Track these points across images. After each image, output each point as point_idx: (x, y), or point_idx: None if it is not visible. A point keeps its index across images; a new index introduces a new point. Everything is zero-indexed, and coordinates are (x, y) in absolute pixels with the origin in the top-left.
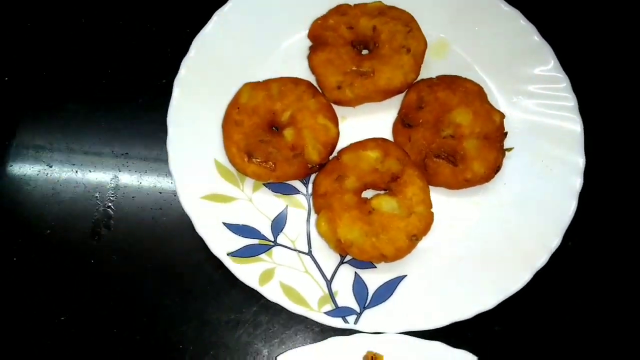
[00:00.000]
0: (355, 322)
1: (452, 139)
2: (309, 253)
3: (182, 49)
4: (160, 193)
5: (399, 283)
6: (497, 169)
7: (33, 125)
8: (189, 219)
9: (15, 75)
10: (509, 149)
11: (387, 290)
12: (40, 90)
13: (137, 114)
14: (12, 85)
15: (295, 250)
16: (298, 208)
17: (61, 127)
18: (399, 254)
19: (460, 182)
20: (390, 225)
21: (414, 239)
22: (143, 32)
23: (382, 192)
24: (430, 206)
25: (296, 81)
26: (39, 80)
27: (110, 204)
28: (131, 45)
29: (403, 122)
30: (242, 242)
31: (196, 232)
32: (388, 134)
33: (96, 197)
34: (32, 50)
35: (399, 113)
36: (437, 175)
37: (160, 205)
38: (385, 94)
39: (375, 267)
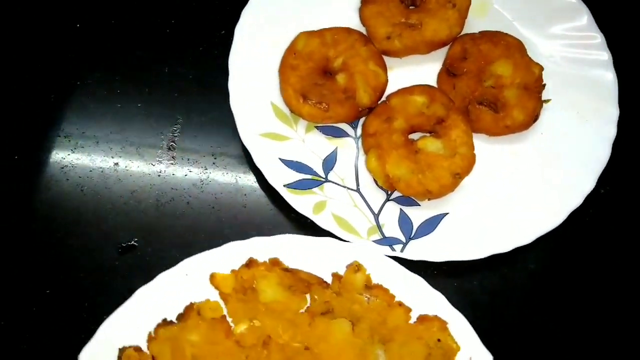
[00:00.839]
0: (402, 250)
1: (493, 88)
2: (357, 190)
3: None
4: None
5: (441, 219)
6: (535, 117)
7: (105, 69)
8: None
9: (86, 22)
10: (547, 101)
11: (431, 224)
12: (109, 38)
13: (200, 61)
14: (81, 31)
15: (345, 187)
16: (347, 149)
17: (129, 71)
18: (442, 190)
19: (500, 129)
20: (435, 164)
21: (457, 177)
22: None
23: (428, 134)
24: (473, 148)
25: (349, 30)
26: (108, 28)
27: (173, 143)
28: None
29: (448, 72)
30: (297, 176)
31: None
32: (433, 84)
33: (161, 135)
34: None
35: (444, 63)
36: (479, 121)
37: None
38: (431, 46)
39: (419, 205)
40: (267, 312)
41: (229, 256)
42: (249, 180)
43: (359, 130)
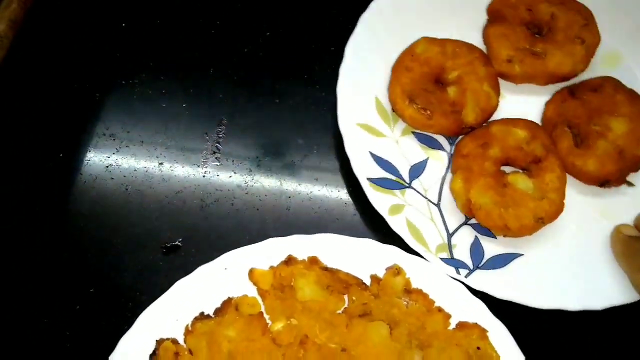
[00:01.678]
0: (466, 276)
1: (597, 133)
2: (437, 205)
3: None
4: None
5: (514, 258)
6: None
7: (151, 69)
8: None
9: (132, 22)
10: (630, 183)
11: (502, 260)
12: (155, 38)
13: (245, 63)
14: (128, 31)
15: (426, 198)
16: (437, 162)
17: (174, 71)
18: (522, 230)
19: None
20: (521, 202)
21: (540, 221)
22: None
23: (520, 170)
24: (564, 196)
25: (471, 47)
26: (154, 28)
27: (217, 144)
28: None
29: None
30: (382, 173)
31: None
32: (539, 120)
33: (205, 136)
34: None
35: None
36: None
37: None
38: (550, 78)
39: (495, 238)
40: (304, 311)
41: (268, 252)
42: (293, 183)
43: (454, 148)
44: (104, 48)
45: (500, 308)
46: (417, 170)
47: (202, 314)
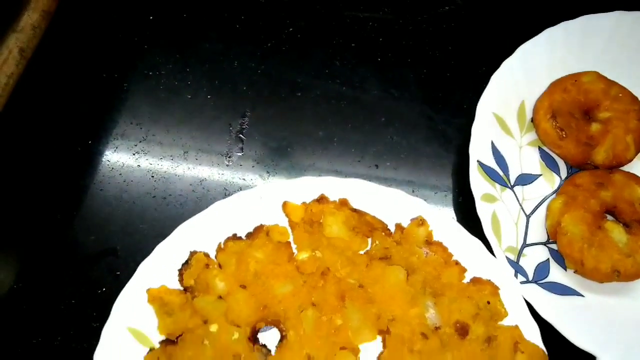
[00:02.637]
0: (522, 283)
1: None
2: (528, 216)
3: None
4: None
5: (573, 294)
6: None
7: (177, 61)
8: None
9: (160, 15)
10: None
11: (562, 290)
12: (181, 31)
13: (269, 56)
14: (155, 24)
15: (520, 205)
16: (548, 183)
17: (200, 63)
18: (594, 273)
19: None
20: (607, 248)
21: (616, 274)
22: None
23: (621, 223)
24: None
25: (634, 99)
26: (181, 21)
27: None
28: None
29: None
30: (492, 163)
31: None
32: None
33: (230, 127)
34: None
35: None
36: None
37: None
38: None
39: (565, 270)
40: (329, 247)
41: (303, 189)
42: (314, 174)
43: (567, 175)
44: (132, 40)
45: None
46: (525, 179)
47: (234, 235)
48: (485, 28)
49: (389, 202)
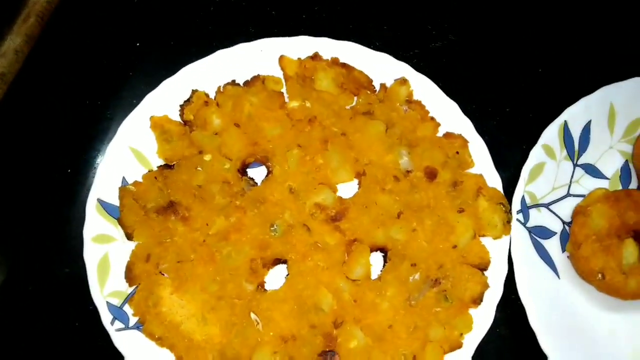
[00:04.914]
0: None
1: None
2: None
3: None
4: None
5: (553, 271)
6: None
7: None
8: None
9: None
10: None
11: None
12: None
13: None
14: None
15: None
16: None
17: None
18: (581, 264)
19: None
20: (609, 253)
21: (600, 277)
22: None
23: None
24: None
25: None
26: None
27: None
28: None
29: None
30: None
31: None
32: None
33: None
34: None
35: None
36: None
37: None
38: None
39: (563, 250)
40: (318, 99)
41: (299, 46)
42: None
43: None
44: (117, 66)
45: None
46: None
47: (233, 81)
48: (479, 64)
49: (376, 64)
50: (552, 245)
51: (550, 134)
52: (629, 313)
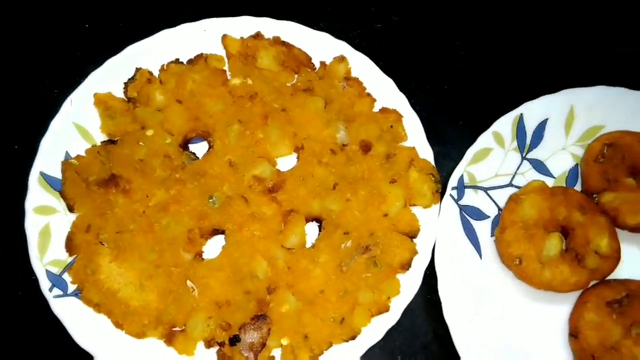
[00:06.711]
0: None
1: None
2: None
3: None
4: None
5: (476, 249)
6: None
7: None
8: None
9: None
10: None
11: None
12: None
13: None
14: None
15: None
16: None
17: None
18: (504, 246)
19: None
20: (532, 241)
21: (517, 262)
22: None
23: (565, 243)
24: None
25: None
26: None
27: None
28: None
29: None
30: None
31: None
32: None
33: None
34: None
35: None
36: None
37: None
38: None
39: (492, 234)
40: (259, 77)
41: (241, 26)
42: None
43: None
44: (67, 46)
45: None
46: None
47: (177, 60)
48: (420, 45)
49: (316, 43)
50: (483, 227)
51: (504, 123)
52: (540, 302)
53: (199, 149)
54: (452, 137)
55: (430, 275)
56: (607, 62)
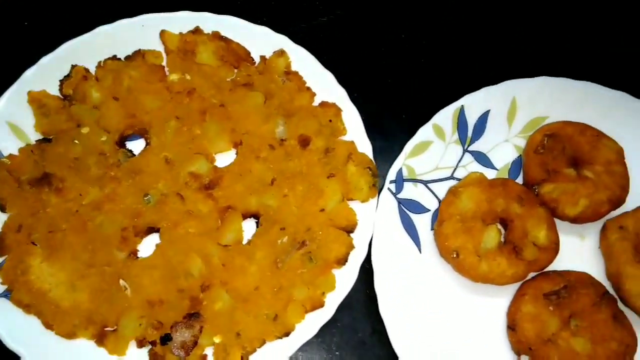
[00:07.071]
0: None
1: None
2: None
3: None
4: None
5: (416, 243)
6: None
7: None
8: None
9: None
10: None
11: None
12: None
13: None
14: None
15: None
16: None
17: None
18: (441, 239)
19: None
20: (469, 234)
21: (454, 255)
22: None
23: (503, 236)
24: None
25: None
26: None
27: None
28: None
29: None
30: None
31: None
32: None
33: None
34: None
35: None
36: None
37: None
38: None
39: (431, 228)
40: (198, 72)
41: (180, 21)
42: None
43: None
44: (4, 44)
45: None
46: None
47: (114, 56)
48: (364, 39)
49: (256, 37)
50: (422, 221)
51: (444, 116)
52: (479, 295)
53: (136, 146)
54: (395, 131)
55: (369, 271)
56: (549, 52)
